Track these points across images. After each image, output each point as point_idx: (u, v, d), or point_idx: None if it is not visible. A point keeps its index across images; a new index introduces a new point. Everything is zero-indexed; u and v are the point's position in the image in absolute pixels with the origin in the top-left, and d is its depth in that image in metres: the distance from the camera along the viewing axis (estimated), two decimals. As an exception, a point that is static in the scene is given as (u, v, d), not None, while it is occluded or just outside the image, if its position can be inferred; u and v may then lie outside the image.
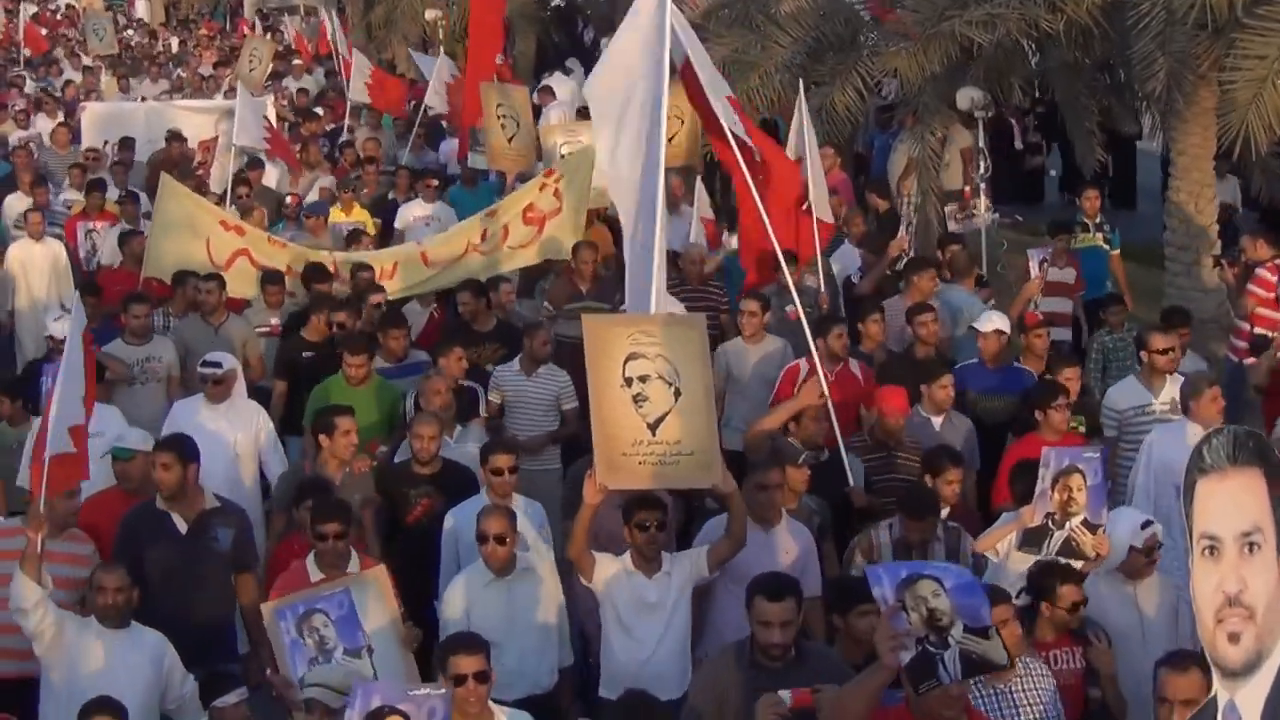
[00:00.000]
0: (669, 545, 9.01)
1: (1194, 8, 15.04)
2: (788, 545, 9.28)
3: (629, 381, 8.58)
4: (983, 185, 17.72)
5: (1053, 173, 25.47)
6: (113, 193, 19.41)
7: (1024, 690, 7.70)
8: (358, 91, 25.07)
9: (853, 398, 11.75)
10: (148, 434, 10.50)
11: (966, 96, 18.15)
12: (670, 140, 16.41)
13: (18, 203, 19.02)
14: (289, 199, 18.80)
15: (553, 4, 33.69)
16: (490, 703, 7.57)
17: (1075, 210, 17.36)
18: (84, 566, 9.10)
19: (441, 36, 29.88)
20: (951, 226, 17.57)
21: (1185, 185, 17.02)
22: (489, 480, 9.79)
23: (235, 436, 11.43)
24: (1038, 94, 22.45)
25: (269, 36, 35.85)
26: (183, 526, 9.39)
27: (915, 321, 12.78)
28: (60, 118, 26.10)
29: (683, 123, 16.99)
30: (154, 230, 15.01)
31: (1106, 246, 16.43)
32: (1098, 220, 16.56)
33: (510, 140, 18.05)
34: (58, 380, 8.80)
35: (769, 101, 19.24)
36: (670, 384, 8.60)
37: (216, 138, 20.62)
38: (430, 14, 30.69)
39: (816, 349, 11.57)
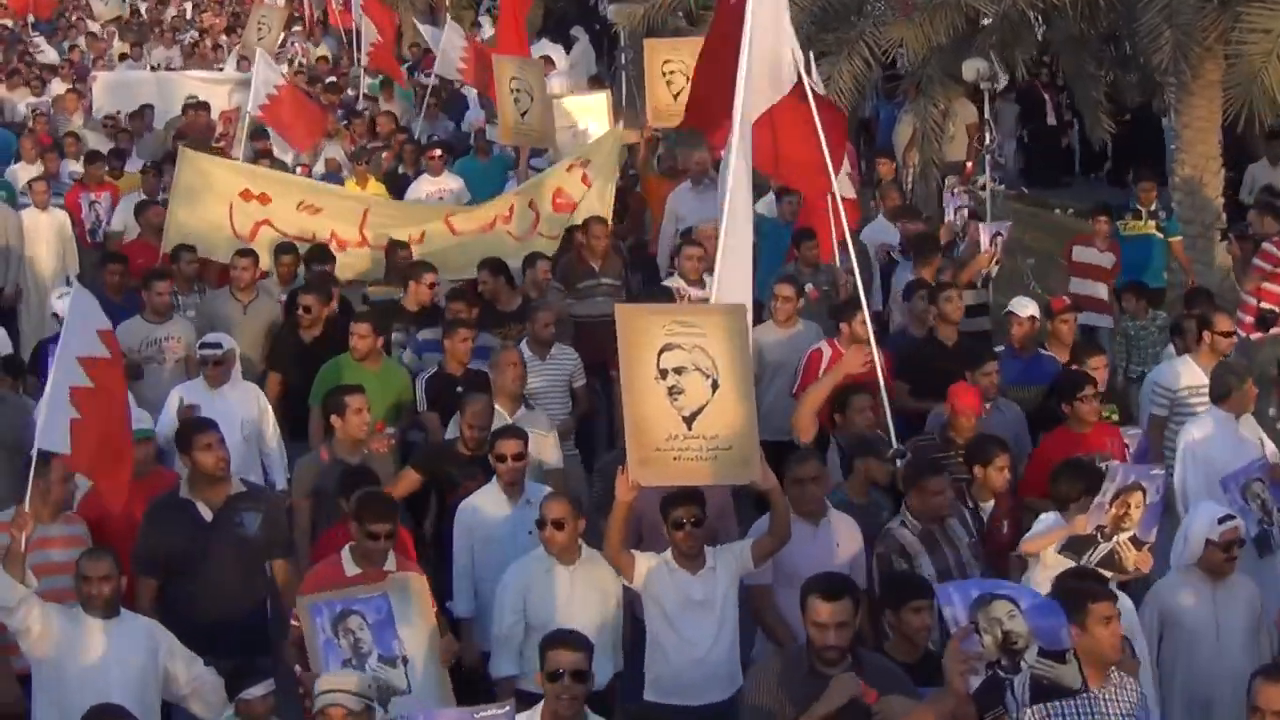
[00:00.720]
0: (711, 539, 8.66)
1: (1201, -20, 15.05)
2: (837, 538, 8.92)
3: (664, 374, 8.26)
4: (987, 158, 17.64)
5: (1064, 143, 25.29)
6: (134, 163, 19.07)
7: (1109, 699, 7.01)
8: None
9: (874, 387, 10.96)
10: (147, 415, 10.33)
11: (972, 68, 18.12)
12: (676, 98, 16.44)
13: (22, 171, 18.45)
14: (298, 170, 18.09)
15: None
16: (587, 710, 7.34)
17: (1126, 194, 17.18)
18: (81, 549, 8.65)
19: (449, 4, 29.76)
20: (949, 200, 17.49)
21: (1190, 159, 17.01)
22: (496, 468, 9.43)
23: (240, 419, 10.96)
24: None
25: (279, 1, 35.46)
26: (208, 514, 8.99)
27: (941, 299, 12.13)
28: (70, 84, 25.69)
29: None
30: (173, 201, 14.52)
31: (1160, 235, 15.89)
32: (1152, 208, 15.95)
33: (524, 115, 17.32)
34: (50, 368, 8.49)
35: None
36: (707, 376, 8.28)
37: (238, 109, 20.19)
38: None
39: (840, 333, 11.34)
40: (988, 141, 18.22)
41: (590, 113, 19.00)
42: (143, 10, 39.52)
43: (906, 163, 19.53)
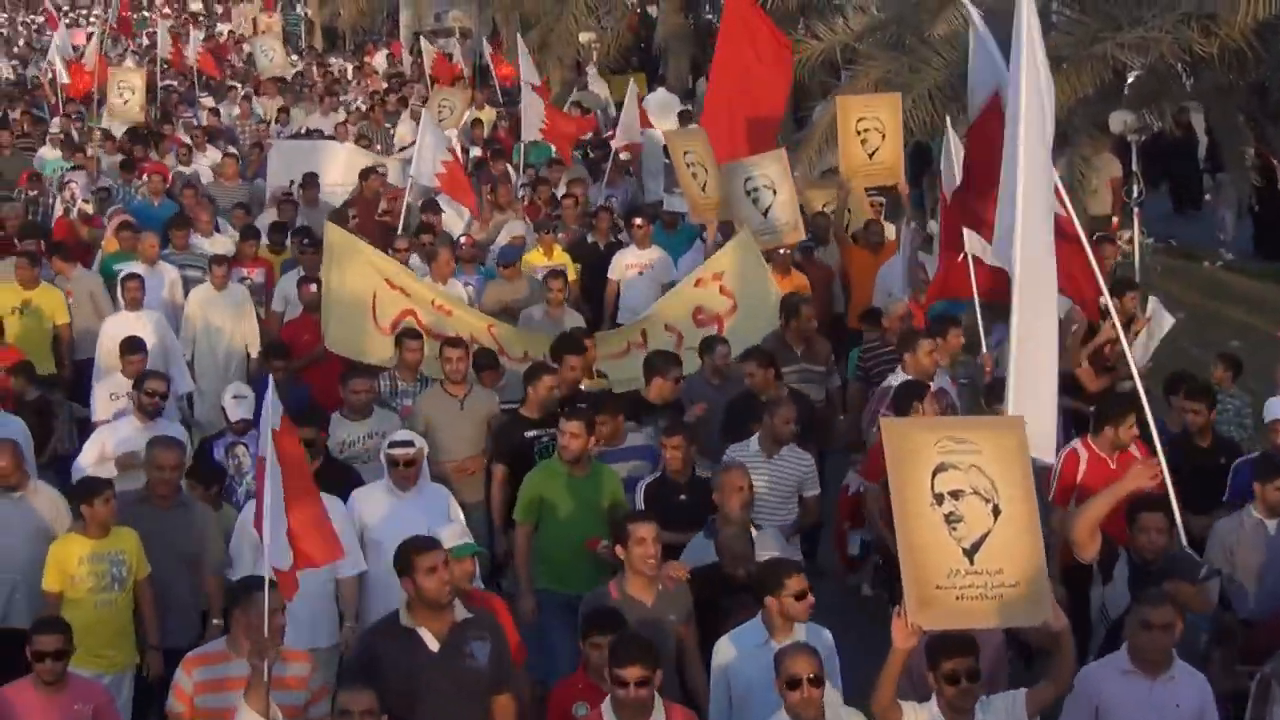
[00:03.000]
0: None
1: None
2: (1178, 698, 7.70)
3: (939, 499, 7.31)
4: (1135, 210, 17.61)
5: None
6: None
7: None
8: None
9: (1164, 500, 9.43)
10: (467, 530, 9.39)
11: (1119, 119, 18.15)
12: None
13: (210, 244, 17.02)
14: (463, 240, 16.73)
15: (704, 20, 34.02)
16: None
17: None
18: (304, 691, 8.10)
19: (595, 58, 30.21)
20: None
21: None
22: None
23: (426, 529, 9.21)
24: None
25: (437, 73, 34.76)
26: (434, 644, 7.95)
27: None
28: (221, 149, 24.50)
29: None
30: (325, 290, 13.59)
31: None
32: None
33: (704, 189, 16.38)
34: (262, 491, 7.79)
35: (922, 125, 19.33)
36: (987, 500, 7.33)
37: (403, 191, 18.94)
38: (585, 36, 31.03)
39: (1100, 436, 10.33)
40: (1135, 195, 18.20)
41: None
42: (314, 71, 39.02)
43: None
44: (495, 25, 38.36)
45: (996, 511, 7.32)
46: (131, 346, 12.80)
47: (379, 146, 25.21)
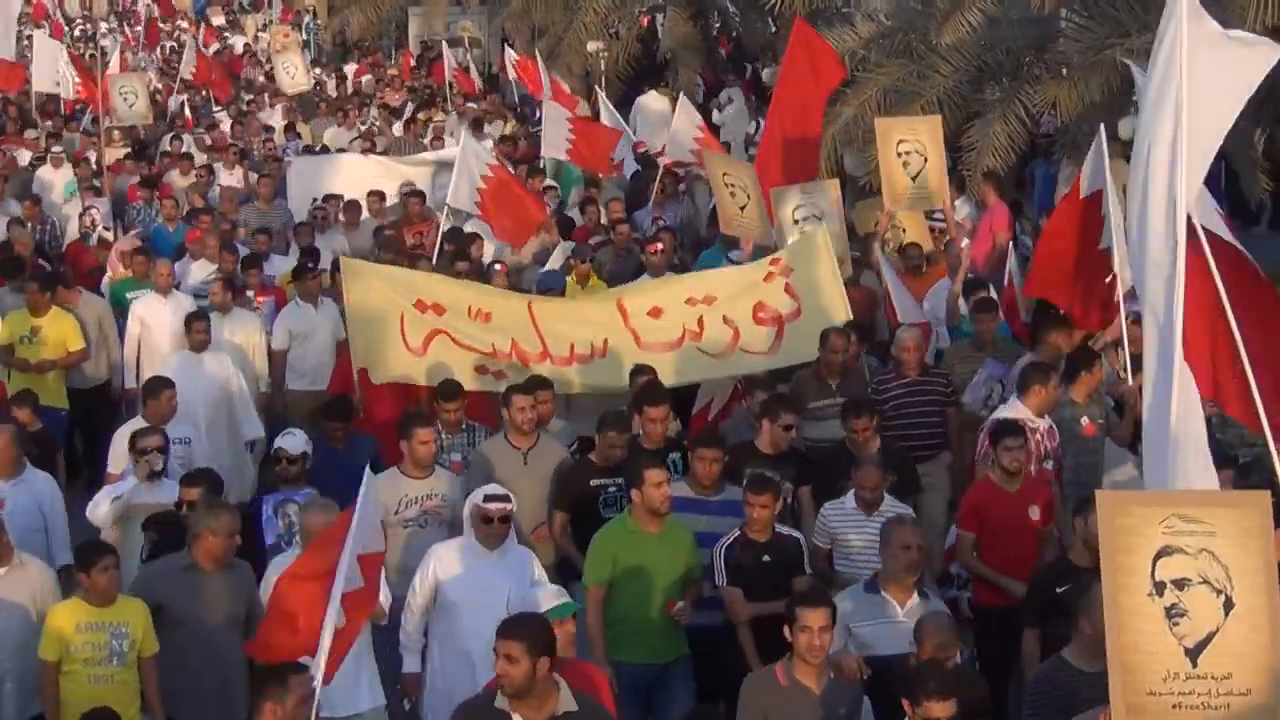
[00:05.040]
0: None
1: (1361, 36, 14.96)
2: None
3: (1160, 588, 6.36)
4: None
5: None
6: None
7: None
8: (553, 146, 21.73)
9: None
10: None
11: (1129, 126, 18.11)
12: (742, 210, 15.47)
13: (198, 270, 16.56)
14: (498, 267, 15.88)
15: (715, 34, 34.03)
16: None
17: None
18: None
19: (604, 68, 30.20)
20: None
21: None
22: None
23: (507, 593, 9.02)
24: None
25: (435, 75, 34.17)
26: None
27: None
28: (236, 168, 23.61)
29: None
30: (350, 323, 12.89)
31: None
32: None
33: (742, 209, 15.62)
34: (356, 514, 7.68)
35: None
36: (1219, 591, 6.38)
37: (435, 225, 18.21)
38: (592, 46, 31.01)
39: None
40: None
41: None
42: (330, 85, 38.37)
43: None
44: (505, 35, 38.38)
45: (1229, 605, 6.36)
46: (158, 385, 12.03)
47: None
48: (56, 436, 13.60)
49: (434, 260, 16.27)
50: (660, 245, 15.83)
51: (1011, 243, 16.16)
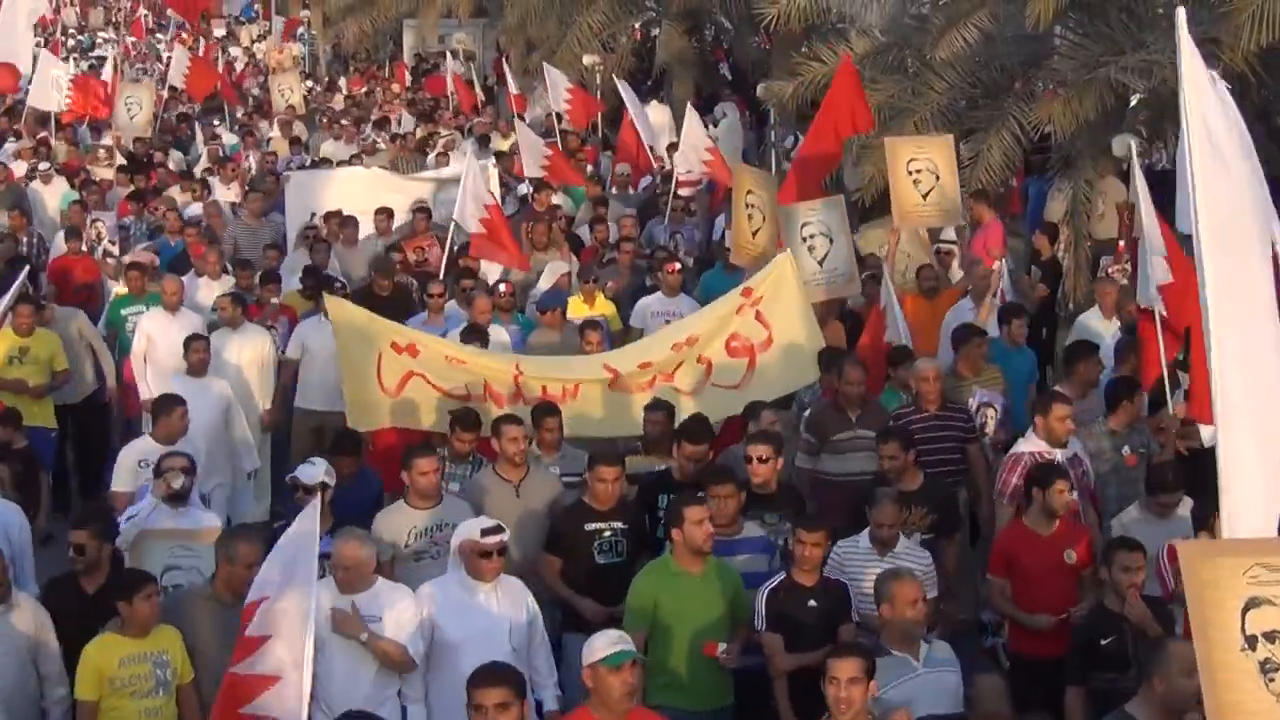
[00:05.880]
0: None
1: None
2: None
3: (1252, 642, 6.03)
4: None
5: None
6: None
7: None
8: (531, 167, 21.32)
9: None
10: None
11: (1123, 143, 18.13)
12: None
13: (205, 288, 16.23)
14: (502, 287, 15.34)
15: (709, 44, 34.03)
16: None
17: None
18: None
19: (599, 82, 30.17)
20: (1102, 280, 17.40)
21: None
22: None
23: (509, 626, 8.88)
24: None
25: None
26: None
27: None
28: (234, 183, 23.12)
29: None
30: (341, 365, 12.55)
31: None
32: None
33: (754, 235, 15.29)
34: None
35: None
36: None
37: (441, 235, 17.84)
38: (588, 59, 30.97)
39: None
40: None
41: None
42: (329, 98, 37.83)
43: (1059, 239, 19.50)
44: (500, 48, 38.34)
45: None
46: (169, 403, 11.75)
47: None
48: (45, 456, 13.45)
49: (441, 277, 16.03)
50: (678, 265, 15.58)
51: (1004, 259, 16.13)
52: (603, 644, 7.60)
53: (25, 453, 12.43)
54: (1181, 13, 7.78)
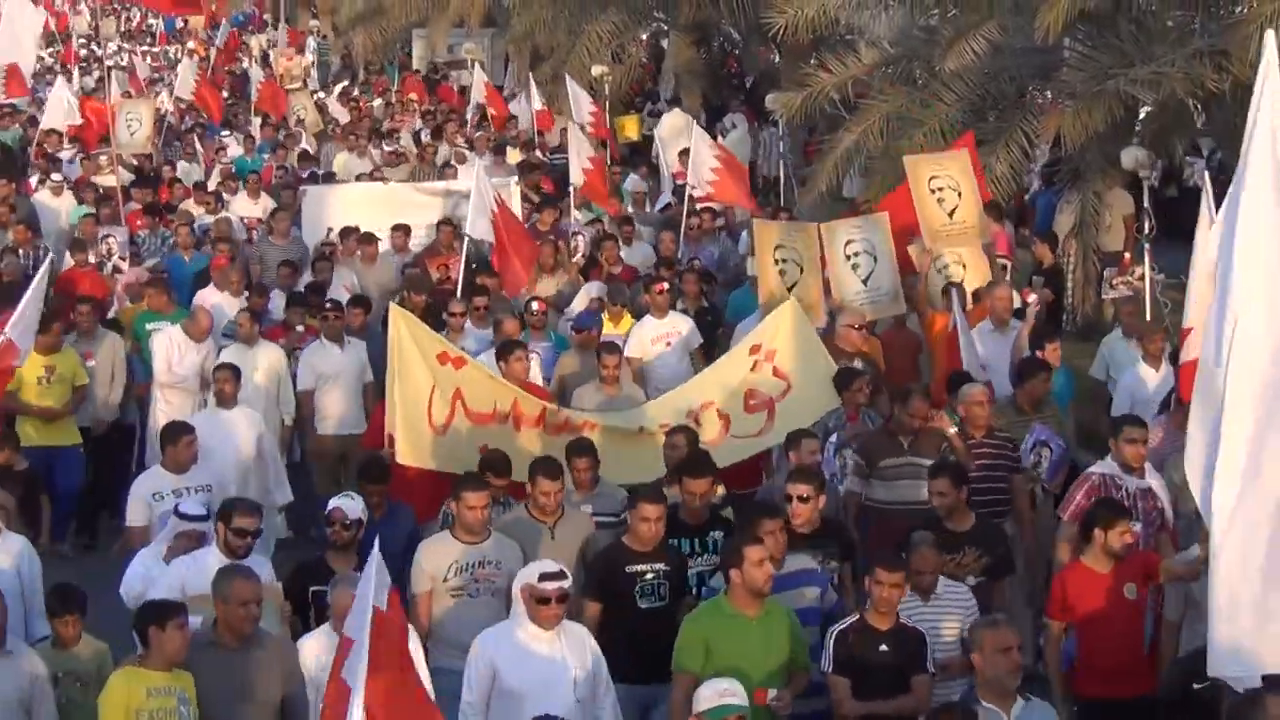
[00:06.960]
0: None
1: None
2: None
3: None
4: (1146, 247, 17.47)
5: None
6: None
7: None
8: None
9: None
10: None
11: (1131, 156, 18.08)
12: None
13: (224, 304, 15.82)
14: (535, 305, 15.02)
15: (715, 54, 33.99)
16: None
17: None
18: None
19: (608, 92, 30.10)
20: (1107, 292, 17.40)
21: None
22: None
23: (573, 676, 8.48)
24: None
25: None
26: None
27: None
28: (260, 198, 22.60)
29: (959, 195, 14.93)
30: (389, 390, 11.90)
31: None
32: None
33: (791, 289, 14.20)
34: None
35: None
36: None
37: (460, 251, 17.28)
38: (597, 70, 30.90)
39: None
40: (1146, 231, 18.10)
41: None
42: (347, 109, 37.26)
43: (1066, 251, 19.46)
44: (508, 57, 38.28)
45: None
46: (176, 430, 11.46)
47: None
48: (74, 475, 13.60)
49: (459, 295, 15.66)
50: (665, 285, 15.26)
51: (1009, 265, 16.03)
52: (710, 694, 7.36)
53: (26, 474, 12.45)
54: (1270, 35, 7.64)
